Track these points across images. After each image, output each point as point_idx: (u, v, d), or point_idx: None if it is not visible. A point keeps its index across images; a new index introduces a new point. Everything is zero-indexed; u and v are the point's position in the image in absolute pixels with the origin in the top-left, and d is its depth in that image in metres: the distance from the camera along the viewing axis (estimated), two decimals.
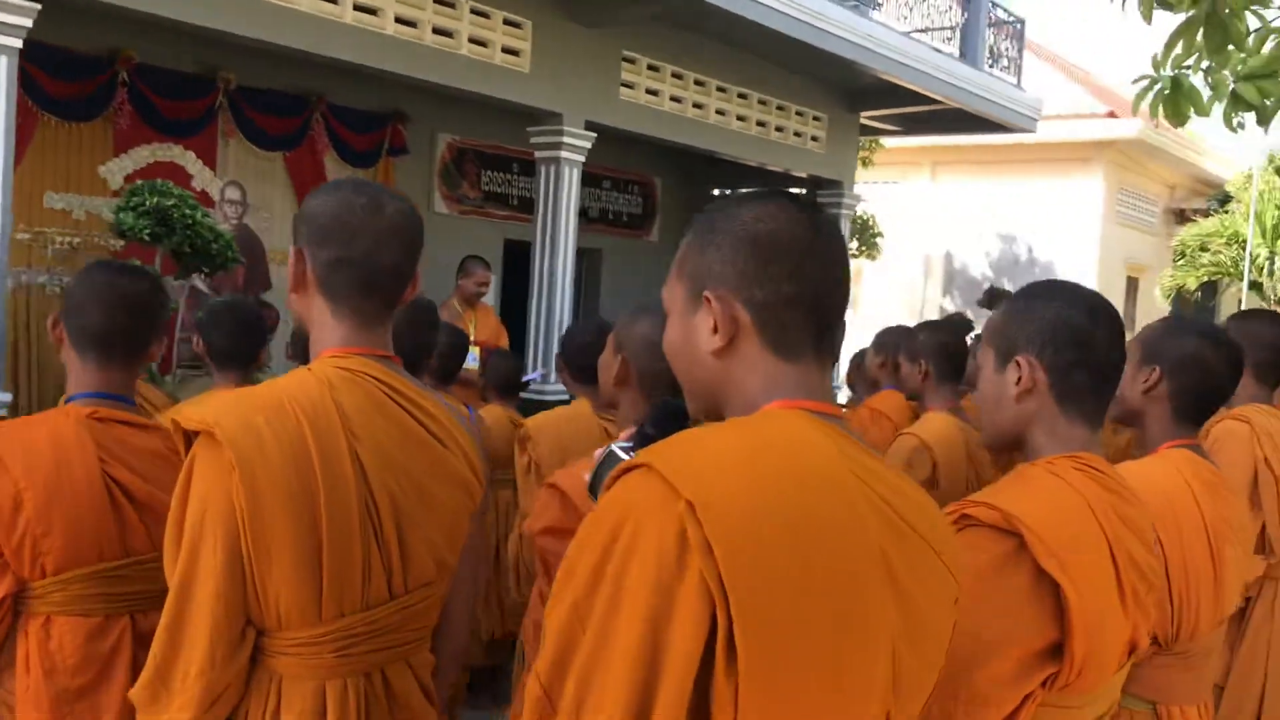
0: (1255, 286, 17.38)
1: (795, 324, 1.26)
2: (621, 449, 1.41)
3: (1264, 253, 17.06)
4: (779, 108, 10.20)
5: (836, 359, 1.34)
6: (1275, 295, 17.25)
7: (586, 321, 3.54)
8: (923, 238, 19.86)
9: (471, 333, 6.46)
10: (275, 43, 6.38)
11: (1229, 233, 17.58)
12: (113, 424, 2.15)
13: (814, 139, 10.75)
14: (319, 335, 1.76)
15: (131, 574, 2.13)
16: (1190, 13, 3.35)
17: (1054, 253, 18.55)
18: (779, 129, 10.26)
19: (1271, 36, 3.83)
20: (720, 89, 9.50)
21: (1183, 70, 3.89)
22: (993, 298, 12.83)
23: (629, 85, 8.69)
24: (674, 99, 9.09)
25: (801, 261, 1.26)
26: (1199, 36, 3.38)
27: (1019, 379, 1.74)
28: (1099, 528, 1.61)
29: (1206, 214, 19.23)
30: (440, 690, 1.88)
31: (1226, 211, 18.75)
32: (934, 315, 20.00)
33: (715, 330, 1.27)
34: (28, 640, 2.05)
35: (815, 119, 10.71)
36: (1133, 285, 19.89)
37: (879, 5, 9.81)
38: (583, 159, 8.35)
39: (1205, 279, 18.08)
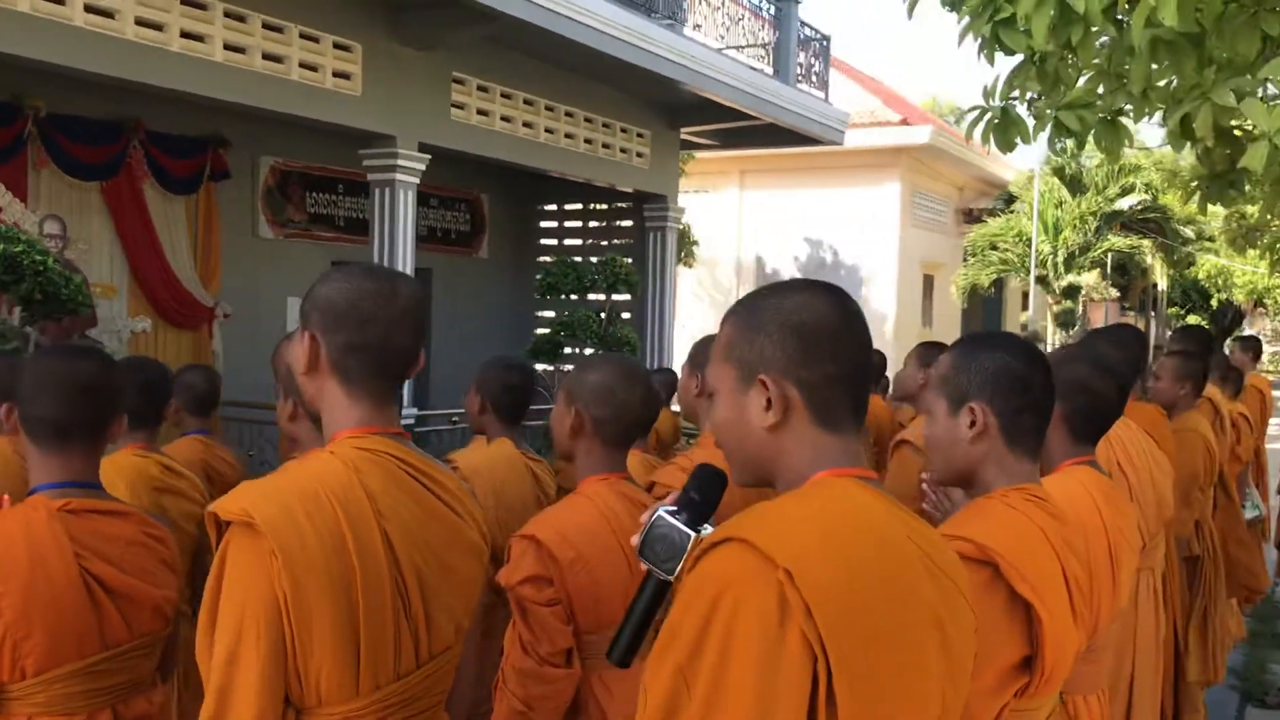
0: (1041, 280, 18.75)
1: (837, 400, 1.42)
2: (668, 512, 1.52)
3: (1047, 248, 18.42)
4: (604, 125, 10.42)
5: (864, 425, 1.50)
6: (1058, 288, 18.71)
7: (507, 360, 3.58)
8: (734, 245, 20.52)
9: None
10: (100, 73, 6.15)
11: (1014, 231, 18.90)
12: (85, 515, 2.09)
13: (639, 155, 11.02)
14: (333, 416, 1.79)
15: (112, 667, 2.08)
16: (1024, 55, 3.70)
17: (858, 255, 19.48)
18: (605, 145, 10.48)
19: (1084, 72, 4.23)
20: (548, 108, 9.64)
21: (1010, 101, 4.26)
22: None
23: (460, 106, 8.73)
24: (504, 118, 9.17)
25: (839, 344, 1.42)
26: (1032, 75, 3.73)
27: (972, 423, 1.94)
28: (1053, 552, 1.84)
29: (994, 214, 20.59)
30: None
31: (1012, 211, 20.14)
32: None
33: (768, 408, 1.41)
34: None
35: (639, 135, 10.98)
36: (929, 282, 21.08)
37: (698, 27, 10.14)
38: (417, 180, 8.35)
39: (995, 275, 19.39)
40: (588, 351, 8.59)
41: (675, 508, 1.51)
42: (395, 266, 8.19)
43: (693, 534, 1.48)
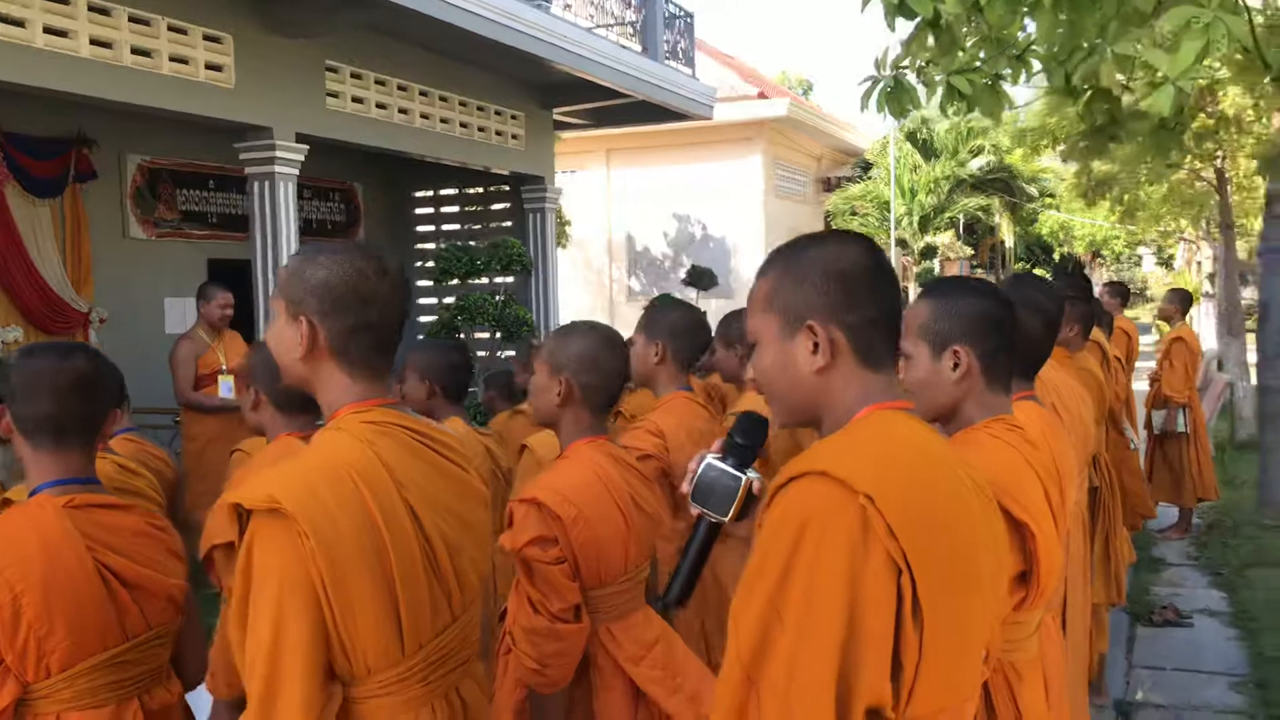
0: (900, 242, 19.42)
1: (878, 339, 1.54)
2: (715, 458, 1.62)
3: (904, 211, 19.08)
4: (479, 108, 10.38)
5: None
6: (916, 249, 19.40)
7: (442, 343, 3.63)
8: (604, 224, 20.64)
9: (223, 361, 6.25)
10: None
11: (873, 196, 19.52)
12: (91, 509, 2.09)
13: (514, 137, 11.01)
14: (332, 396, 1.84)
15: (134, 657, 2.10)
16: (922, 18, 3.89)
17: (725, 228, 19.83)
18: (480, 129, 10.44)
19: (970, 37, 4.46)
20: (423, 93, 9.55)
21: (901, 70, 4.47)
22: (698, 276, 13.68)
23: (335, 95, 8.59)
24: (380, 105, 9.06)
25: (875, 287, 1.54)
26: (930, 40, 3.93)
27: (955, 365, 2.10)
28: (1037, 477, 2.02)
29: (854, 181, 21.21)
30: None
31: (870, 178, 20.78)
32: (622, 297, 20.92)
33: (814, 351, 1.52)
34: None
35: (513, 117, 10.96)
36: None
37: (568, 6, 10.19)
38: (296, 172, 8.20)
39: None
40: (482, 335, 8.58)
41: (721, 454, 1.62)
42: (279, 261, 8.05)
43: (743, 476, 1.59)
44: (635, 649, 2.46)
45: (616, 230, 20.69)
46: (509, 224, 11.78)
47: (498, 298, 7.90)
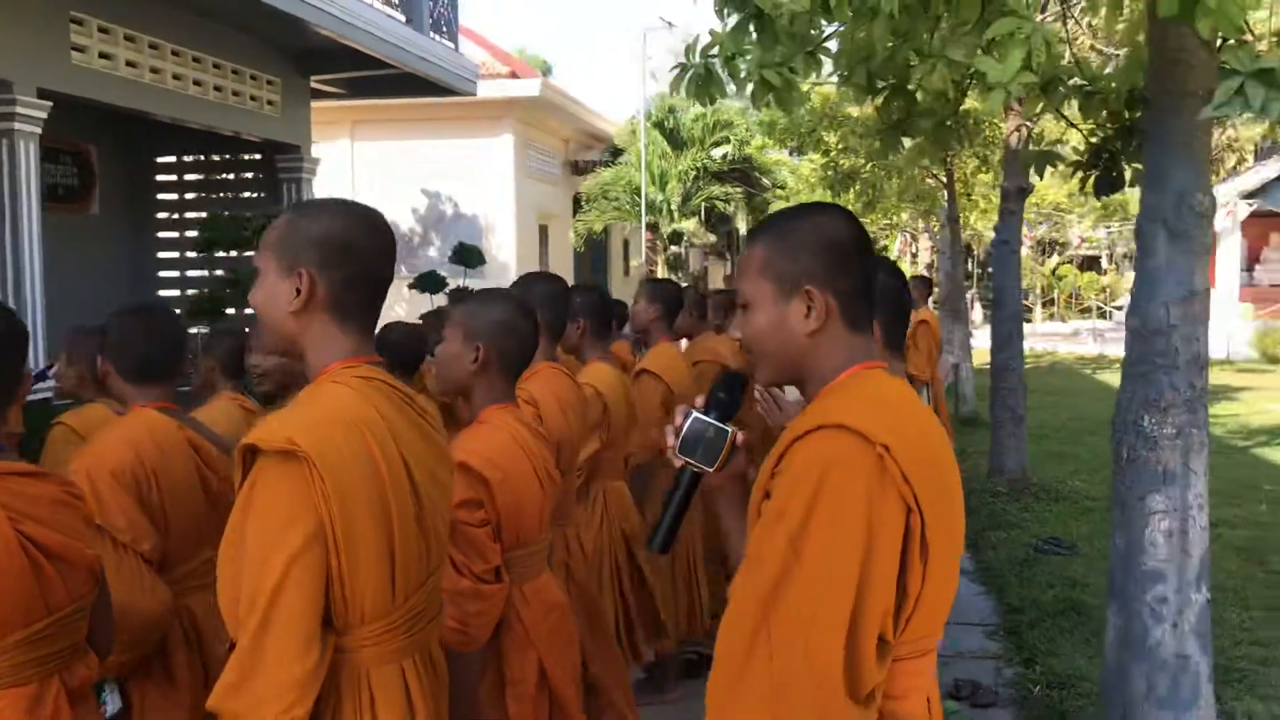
0: (652, 228, 19.97)
1: (862, 305, 1.68)
2: (700, 412, 1.71)
3: (660, 198, 19.63)
4: (234, 71, 9.87)
5: None
6: (666, 235, 20.01)
7: (228, 326, 3.54)
8: (349, 197, 20.00)
9: None
10: None
11: (625, 181, 19.96)
12: (7, 478, 1.93)
13: (270, 103, 10.55)
14: (321, 352, 1.82)
15: (56, 632, 1.97)
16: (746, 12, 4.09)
17: (476, 207, 19.70)
18: (235, 93, 9.94)
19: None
20: (175, 52, 9.00)
21: (710, 59, 4.66)
22: (466, 255, 13.53)
23: (80, 49, 7.96)
24: (129, 63, 8.46)
25: (860, 255, 1.67)
26: (751, 32, 4.13)
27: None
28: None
29: (604, 165, 21.56)
30: None
31: (622, 163, 21.21)
32: None
33: (808, 315, 1.63)
34: None
35: (269, 83, 10.50)
36: (544, 233, 21.72)
37: None
38: (39, 130, 7.56)
39: (610, 222, 20.39)
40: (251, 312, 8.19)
41: (704, 409, 1.72)
42: (21, 228, 7.43)
43: (728, 429, 1.70)
44: (542, 609, 2.53)
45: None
46: (261, 194, 11.29)
47: None
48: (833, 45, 4.66)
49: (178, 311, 10.02)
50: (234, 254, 7.68)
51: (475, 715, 2.46)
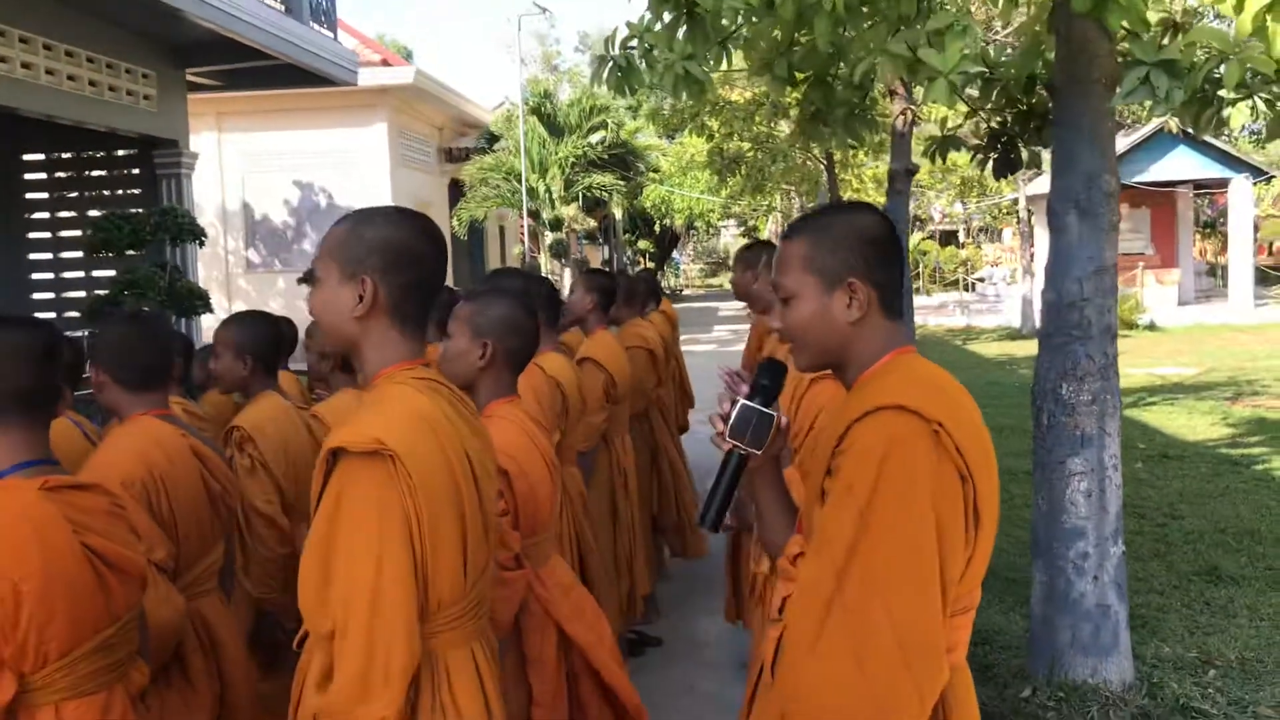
0: (533, 214, 19.94)
1: (897, 295, 1.83)
2: (746, 399, 1.84)
3: (541, 185, 19.60)
4: (109, 65, 9.52)
5: None
6: (547, 219, 20.01)
7: (255, 314, 3.48)
8: (217, 192, 19.47)
9: None
10: None
11: (506, 168, 19.87)
12: (64, 491, 1.94)
13: (146, 97, 10.20)
14: (380, 355, 1.88)
15: (119, 640, 2.01)
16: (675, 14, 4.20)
17: (351, 197, 19.33)
18: (112, 88, 9.59)
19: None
20: (47, 46, 8.64)
21: (628, 50, 4.77)
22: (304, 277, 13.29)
23: None
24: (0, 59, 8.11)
25: (896, 250, 1.82)
26: (681, 30, 4.25)
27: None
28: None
29: (482, 152, 21.43)
30: None
31: (499, 150, 21.11)
32: (240, 269, 19.89)
33: (850, 305, 1.78)
34: None
35: (145, 76, 10.16)
36: None
37: None
38: None
39: (491, 209, 20.28)
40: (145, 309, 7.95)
41: (749, 395, 1.84)
42: None
43: (774, 414, 1.83)
44: (557, 591, 2.62)
45: (231, 199, 19.58)
46: (139, 191, 10.93)
47: (166, 269, 7.36)
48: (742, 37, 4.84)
49: (65, 315, 9.62)
50: (131, 253, 7.41)
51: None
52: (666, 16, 4.21)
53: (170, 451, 2.58)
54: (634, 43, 4.76)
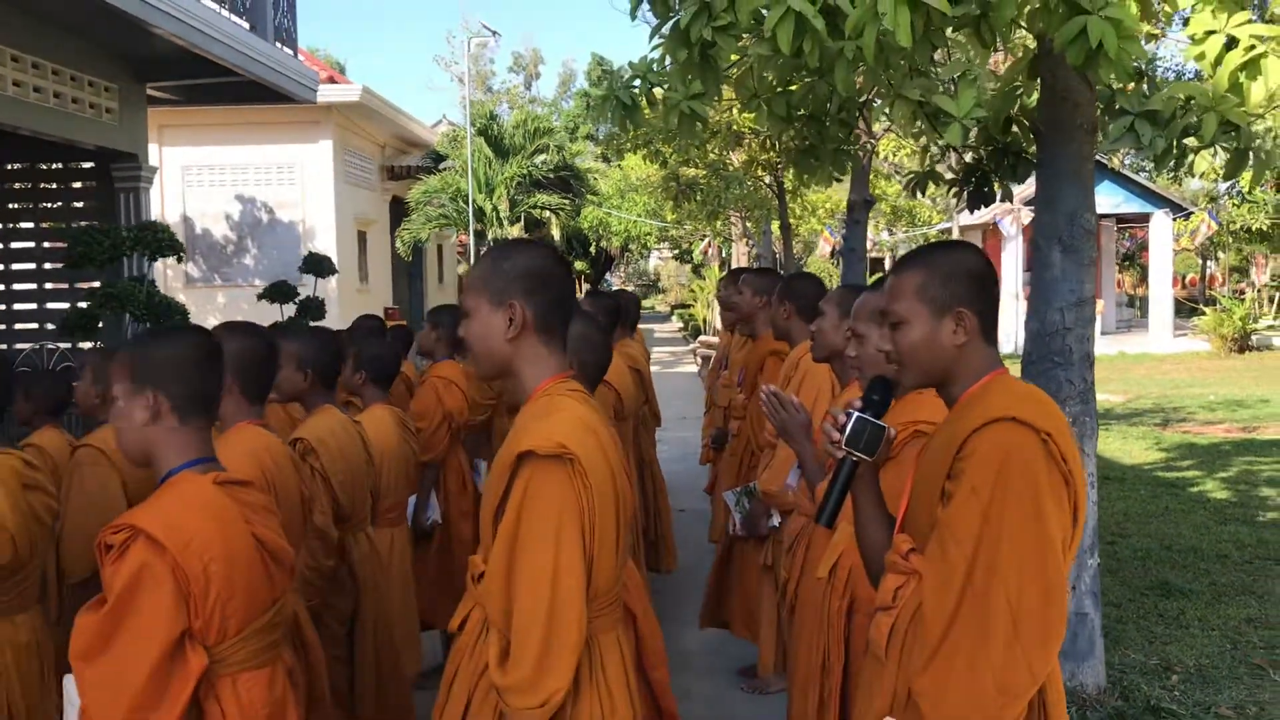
0: (479, 235, 20.03)
1: (994, 323, 2.07)
2: (859, 412, 2.06)
3: (488, 205, 19.70)
4: (72, 77, 9.49)
5: None
6: (491, 238, 20.06)
7: (314, 329, 3.60)
8: (157, 205, 19.22)
9: None
10: None
11: (453, 189, 19.95)
12: (231, 485, 2.15)
13: (108, 110, 10.17)
14: (533, 370, 2.09)
15: (277, 620, 2.20)
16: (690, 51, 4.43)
17: (295, 213, 19.28)
18: (75, 100, 9.56)
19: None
20: (14, 58, 8.59)
21: (631, 89, 4.99)
22: (316, 264, 13.23)
23: None
24: None
25: (994, 282, 2.07)
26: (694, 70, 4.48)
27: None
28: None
29: (428, 171, 21.46)
30: None
31: (444, 169, 21.16)
32: (179, 284, 19.65)
33: (956, 331, 2.02)
34: (221, 703, 2.04)
35: (106, 89, 10.13)
36: (362, 239, 21.44)
37: None
38: None
39: (436, 229, 20.32)
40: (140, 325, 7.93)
41: (862, 408, 2.08)
42: None
43: (884, 425, 2.06)
44: (635, 588, 2.81)
45: (171, 213, 19.36)
46: (96, 204, 10.86)
47: (148, 281, 7.36)
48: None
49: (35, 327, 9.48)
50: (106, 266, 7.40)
51: None
52: (680, 56, 4.42)
53: (277, 458, 2.75)
54: (636, 82, 5.00)
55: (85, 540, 3.24)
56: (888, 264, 46.20)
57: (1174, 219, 23.33)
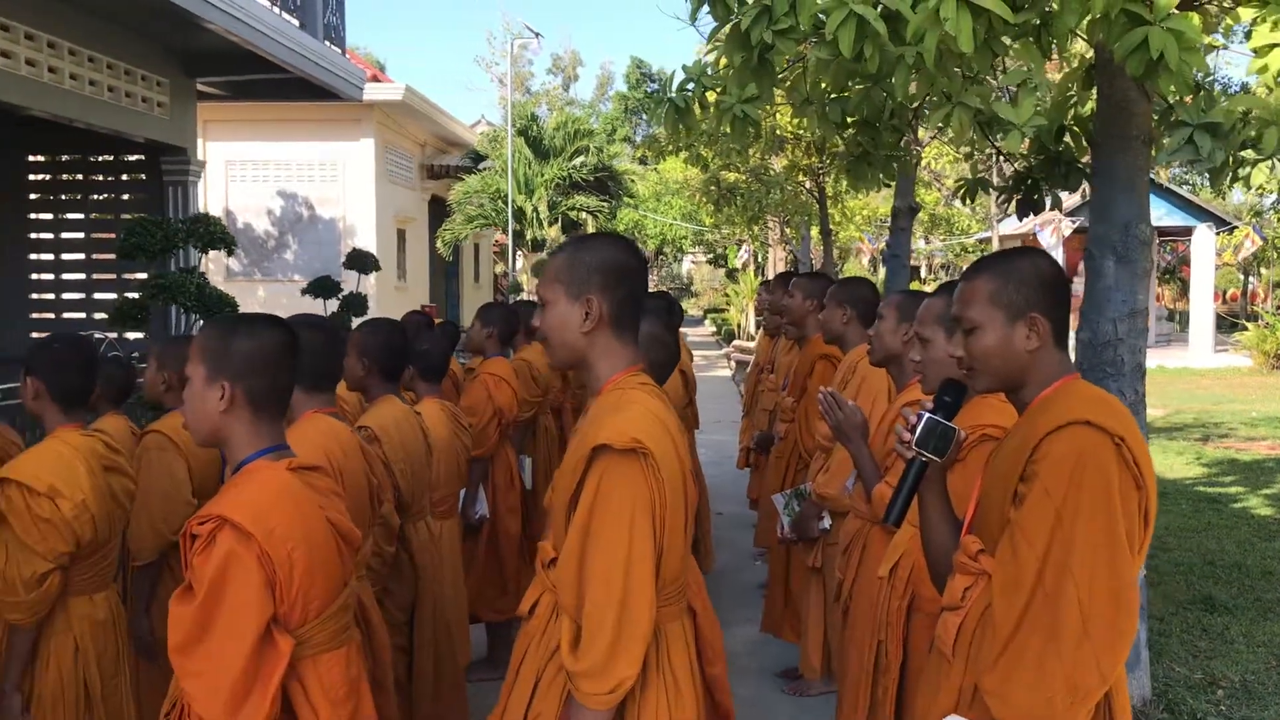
0: (518, 235, 20.14)
1: (1066, 329, 2.10)
2: (930, 414, 2.09)
3: (528, 206, 19.80)
4: (126, 71, 9.64)
5: None
6: (530, 240, 20.19)
7: (379, 321, 3.66)
8: (200, 199, 19.46)
9: None
10: None
11: (493, 189, 20.06)
12: (304, 472, 2.21)
13: (159, 104, 10.32)
14: (607, 363, 2.13)
15: (349, 602, 2.25)
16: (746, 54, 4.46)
17: (336, 210, 19.46)
18: (128, 94, 9.71)
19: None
20: (71, 49, 8.74)
21: (685, 92, 5.02)
22: (360, 261, 13.36)
23: None
24: (3, 54, 8.10)
25: (1066, 288, 2.09)
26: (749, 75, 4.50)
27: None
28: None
29: (469, 171, 21.60)
30: None
31: (484, 169, 21.29)
32: (220, 278, 19.85)
33: (1029, 336, 2.05)
34: (304, 684, 2.10)
35: (159, 83, 10.28)
36: (401, 237, 21.63)
37: None
38: None
39: (475, 229, 20.45)
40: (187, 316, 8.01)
41: (934, 410, 2.10)
42: None
43: (955, 427, 2.08)
44: (694, 584, 2.85)
45: (214, 207, 19.57)
46: (145, 196, 11.03)
47: (200, 273, 7.45)
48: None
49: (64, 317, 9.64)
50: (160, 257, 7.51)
51: None
52: (738, 59, 4.44)
53: (345, 445, 2.81)
54: (690, 85, 5.03)
55: (151, 524, 3.32)
56: (924, 272, 46.06)
57: (1217, 233, 23.10)
